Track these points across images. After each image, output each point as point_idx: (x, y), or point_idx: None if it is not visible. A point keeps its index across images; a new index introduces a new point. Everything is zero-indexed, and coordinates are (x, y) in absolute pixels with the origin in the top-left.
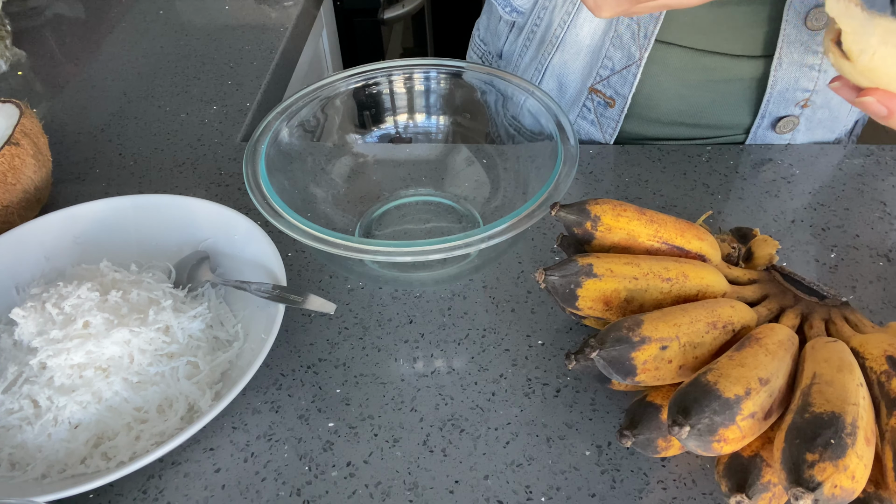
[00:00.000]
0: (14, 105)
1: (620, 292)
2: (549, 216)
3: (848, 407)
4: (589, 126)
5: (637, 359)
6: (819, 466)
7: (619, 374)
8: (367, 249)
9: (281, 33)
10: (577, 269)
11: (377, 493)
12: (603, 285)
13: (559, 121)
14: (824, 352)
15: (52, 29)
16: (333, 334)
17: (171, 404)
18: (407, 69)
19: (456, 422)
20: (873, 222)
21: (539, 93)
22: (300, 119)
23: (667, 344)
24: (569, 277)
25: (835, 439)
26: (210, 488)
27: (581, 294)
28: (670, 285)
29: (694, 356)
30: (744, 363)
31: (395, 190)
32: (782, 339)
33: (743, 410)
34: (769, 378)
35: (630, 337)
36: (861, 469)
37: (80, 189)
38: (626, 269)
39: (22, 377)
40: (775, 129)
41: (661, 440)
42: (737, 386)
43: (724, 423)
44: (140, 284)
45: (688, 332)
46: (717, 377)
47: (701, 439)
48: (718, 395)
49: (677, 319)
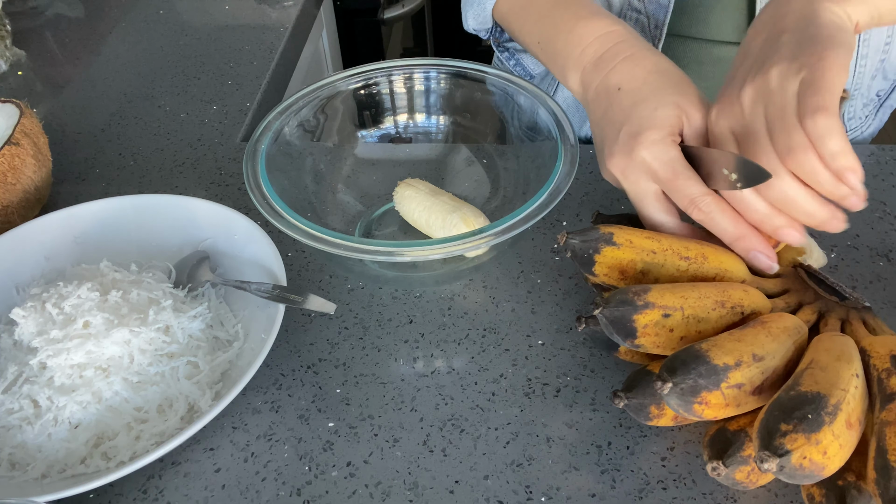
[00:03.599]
0: (14, 105)
1: (637, 263)
2: (549, 216)
3: (835, 391)
4: None
5: (638, 321)
6: (791, 437)
7: (620, 335)
8: (367, 249)
9: (281, 33)
10: (597, 236)
11: (377, 493)
12: (620, 254)
13: (559, 120)
14: (828, 342)
15: (52, 29)
16: (333, 334)
17: (171, 404)
18: (407, 69)
19: (456, 422)
20: (873, 222)
21: (539, 93)
22: (300, 119)
23: (670, 312)
24: (588, 243)
25: (812, 415)
26: (210, 488)
27: (598, 260)
28: (688, 264)
29: (697, 330)
30: (741, 339)
31: None
32: (788, 326)
33: (729, 379)
34: (764, 356)
35: (634, 300)
36: (835, 447)
37: (80, 189)
38: (646, 243)
39: (22, 377)
40: None
41: (653, 406)
42: (728, 356)
43: (708, 388)
44: (140, 284)
45: (693, 306)
46: (711, 346)
47: (682, 398)
48: (707, 361)
49: (686, 293)
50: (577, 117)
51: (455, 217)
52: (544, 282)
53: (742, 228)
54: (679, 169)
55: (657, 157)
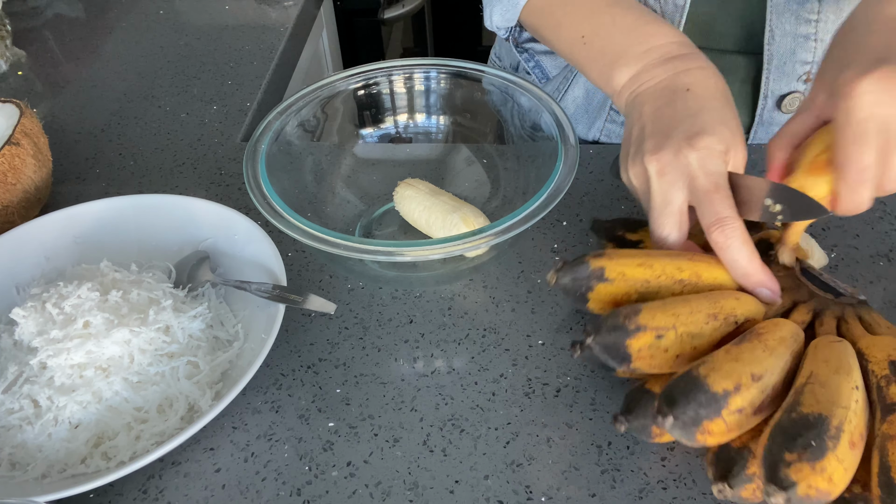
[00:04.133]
0: (14, 105)
1: (632, 295)
2: (549, 216)
3: (836, 410)
4: (619, 129)
5: (631, 346)
6: (796, 467)
7: (615, 361)
8: (367, 249)
9: (281, 33)
10: (587, 273)
11: (377, 493)
12: (614, 289)
13: (559, 120)
14: (825, 351)
15: (52, 29)
16: (333, 334)
17: (171, 404)
18: (407, 69)
19: (456, 422)
20: (873, 222)
21: (540, 93)
22: (300, 119)
23: (662, 333)
24: (580, 282)
25: (816, 441)
26: (210, 488)
27: (592, 297)
28: (682, 286)
29: (693, 346)
30: (739, 358)
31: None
32: (784, 336)
33: (730, 405)
34: (763, 374)
35: (625, 325)
36: (840, 472)
37: (80, 189)
38: (638, 272)
39: (22, 377)
40: (780, 107)
41: (654, 427)
42: (727, 380)
43: (709, 416)
44: (140, 284)
45: (686, 322)
46: (709, 370)
47: (685, 430)
48: (706, 389)
49: (677, 309)
50: (585, 119)
51: (455, 217)
52: (544, 282)
53: (755, 265)
54: (721, 184)
55: (705, 164)
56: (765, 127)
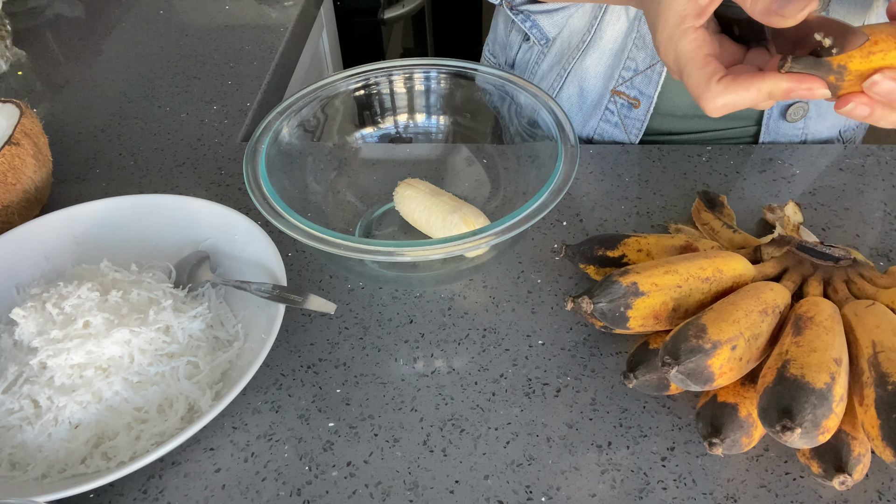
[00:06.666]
0: (14, 105)
1: (668, 303)
2: (549, 216)
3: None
4: (612, 129)
5: (713, 365)
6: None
7: (698, 384)
8: (367, 249)
9: (281, 33)
10: (622, 291)
11: (377, 493)
12: (652, 301)
13: (559, 119)
14: (869, 317)
15: (52, 29)
16: (333, 334)
17: (171, 404)
18: (407, 69)
19: (456, 422)
20: (873, 222)
21: (540, 92)
22: (300, 119)
23: (735, 343)
24: (617, 302)
25: None
26: (210, 488)
27: (632, 315)
28: (709, 284)
29: (756, 347)
30: (815, 347)
31: None
32: (831, 313)
33: (835, 396)
34: (840, 357)
35: (702, 345)
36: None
37: (80, 189)
38: (668, 279)
39: (22, 377)
40: (786, 117)
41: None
42: (822, 374)
43: (826, 415)
44: (140, 284)
45: (748, 326)
46: (800, 369)
47: (808, 436)
48: (812, 388)
49: (734, 315)
50: (579, 117)
51: (455, 217)
52: (544, 282)
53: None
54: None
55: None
56: (770, 136)
